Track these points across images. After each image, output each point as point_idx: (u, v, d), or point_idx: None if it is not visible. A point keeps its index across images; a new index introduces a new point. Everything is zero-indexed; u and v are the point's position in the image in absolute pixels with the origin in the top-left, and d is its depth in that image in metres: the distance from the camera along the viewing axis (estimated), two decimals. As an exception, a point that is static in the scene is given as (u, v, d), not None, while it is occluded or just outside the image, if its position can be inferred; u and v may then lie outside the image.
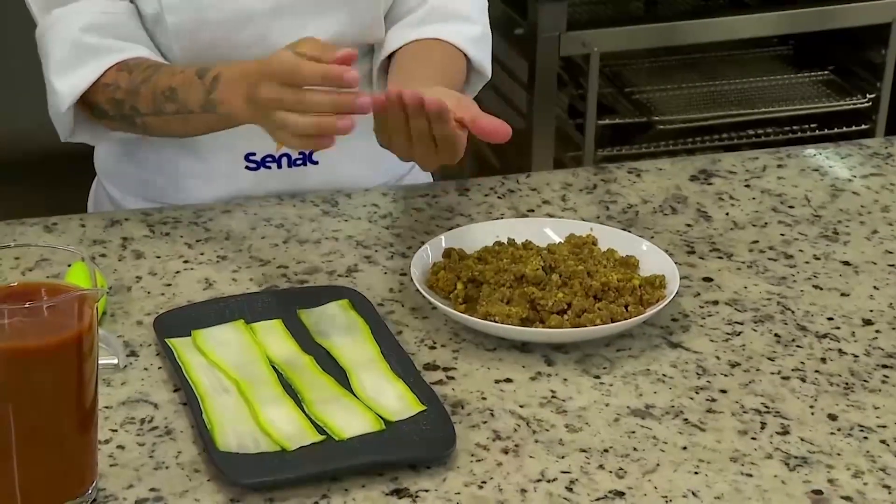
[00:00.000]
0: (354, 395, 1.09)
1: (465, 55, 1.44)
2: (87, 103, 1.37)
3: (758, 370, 1.16)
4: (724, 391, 1.13)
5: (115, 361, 1.14)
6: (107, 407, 1.08)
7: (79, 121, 1.40)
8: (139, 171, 1.49)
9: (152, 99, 1.31)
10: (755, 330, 1.22)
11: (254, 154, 1.44)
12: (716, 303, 1.26)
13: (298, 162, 1.46)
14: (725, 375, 1.15)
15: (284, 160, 1.45)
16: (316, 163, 1.46)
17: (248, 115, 1.24)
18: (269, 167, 1.45)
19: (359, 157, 1.48)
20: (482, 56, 1.45)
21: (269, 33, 1.39)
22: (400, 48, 1.43)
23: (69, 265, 1.07)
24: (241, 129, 1.43)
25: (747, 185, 1.50)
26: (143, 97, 1.32)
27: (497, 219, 1.41)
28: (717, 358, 1.18)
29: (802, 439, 1.07)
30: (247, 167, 1.44)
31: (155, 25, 1.39)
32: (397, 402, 1.08)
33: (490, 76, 1.48)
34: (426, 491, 1.00)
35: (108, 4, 1.37)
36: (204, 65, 1.29)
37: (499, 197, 1.47)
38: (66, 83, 1.35)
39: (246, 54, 1.39)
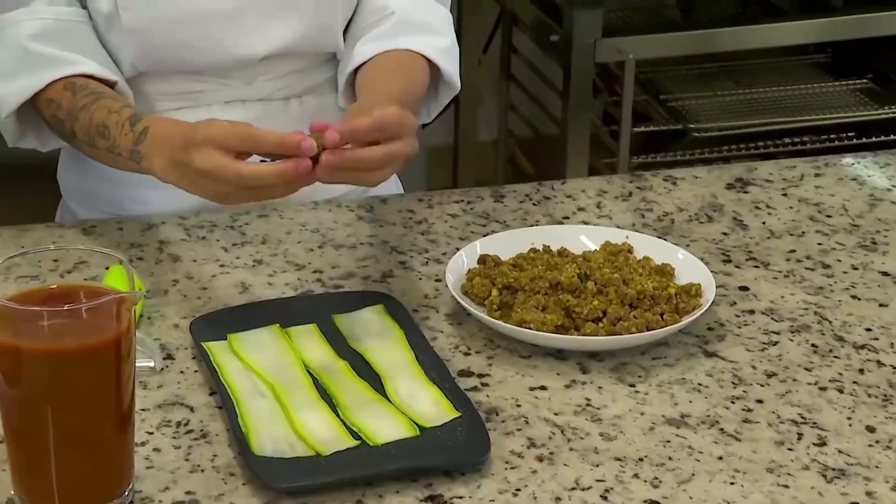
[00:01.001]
0: (389, 400, 1.09)
1: (437, 66, 1.43)
2: (35, 109, 1.37)
3: (794, 380, 1.15)
4: (760, 401, 1.13)
5: (152, 364, 1.15)
6: (143, 409, 1.09)
7: (26, 127, 1.39)
8: (96, 184, 1.48)
9: (87, 129, 1.30)
10: (792, 340, 1.21)
11: None
12: (752, 312, 1.26)
13: None
14: (762, 385, 1.15)
15: None
16: None
17: (167, 176, 1.21)
18: None
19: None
20: (452, 67, 1.44)
21: (224, 37, 1.39)
22: (367, 61, 1.42)
23: (107, 268, 1.08)
24: None
25: (784, 194, 1.50)
26: (80, 124, 1.30)
27: (532, 225, 1.41)
28: (754, 368, 1.17)
29: (840, 451, 1.06)
30: None
31: (109, 25, 1.38)
32: (432, 407, 1.08)
33: (460, 88, 1.47)
34: (460, 498, 1.00)
35: (59, 10, 1.36)
36: (137, 113, 1.28)
37: (534, 204, 1.47)
38: (8, 91, 1.35)
39: (201, 59, 1.40)
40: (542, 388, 1.14)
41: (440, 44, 1.43)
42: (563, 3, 2.61)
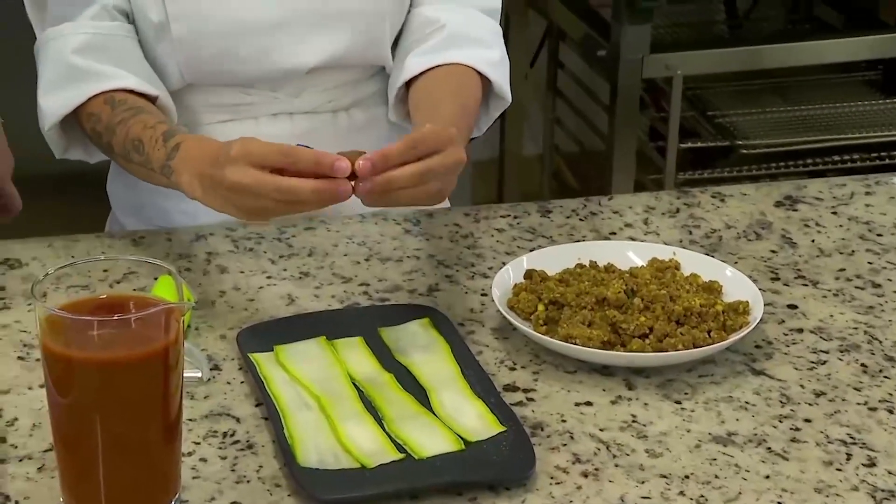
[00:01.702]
0: (434, 414, 1.10)
1: (487, 79, 1.43)
2: (79, 124, 1.39)
3: (843, 400, 1.15)
4: (808, 420, 1.12)
5: (199, 375, 1.16)
6: (190, 420, 1.10)
7: (72, 139, 1.41)
8: (144, 196, 1.49)
9: (123, 143, 1.31)
10: (841, 359, 1.21)
11: None
12: (800, 330, 1.25)
13: None
14: (810, 404, 1.14)
15: None
16: None
17: (192, 191, 1.22)
18: None
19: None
20: (502, 80, 1.45)
21: (270, 48, 1.40)
22: (418, 75, 1.42)
23: (156, 278, 1.09)
24: None
25: (834, 212, 1.49)
26: (117, 138, 1.32)
27: (579, 241, 1.41)
28: (802, 387, 1.17)
29: (890, 472, 1.05)
30: None
31: (159, 37, 1.40)
32: (477, 421, 1.08)
33: (511, 100, 1.47)
34: (505, 512, 1.00)
35: (103, 24, 1.38)
36: (171, 129, 1.29)
37: (581, 219, 1.47)
38: (51, 104, 1.37)
39: (249, 70, 1.41)
40: (588, 403, 1.14)
41: (491, 57, 1.44)
42: (611, 18, 2.61)
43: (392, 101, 1.45)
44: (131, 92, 1.36)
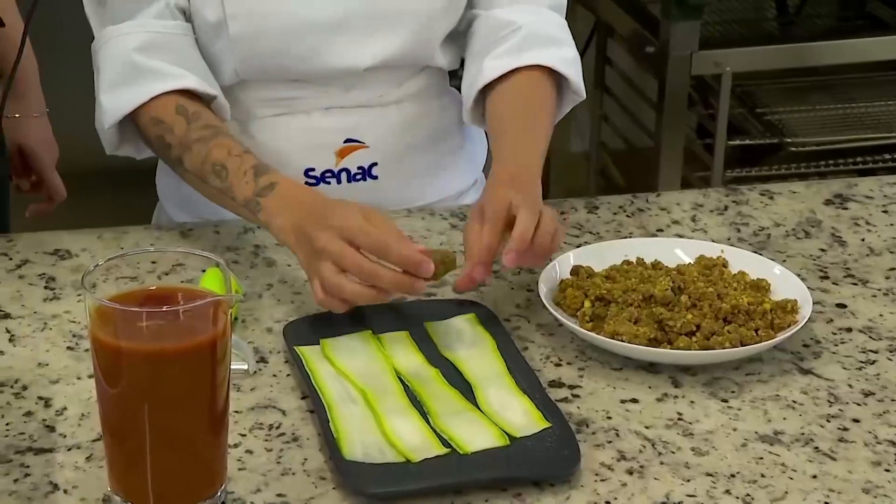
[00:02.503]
0: (480, 409, 1.10)
1: (565, 77, 1.43)
2: (134, 120, 1.38)
3: (893, 400, 1.13)
4: (856, 420, 1.11)
5: (246, 367, 1.16)
6: (236, 412, 1.10)
7: (124, 136, 1.41)
8: (192, 189, 1.47)
9: (201, 164, 1.30)
10: (890, 359, 1.19)
11: (313, 169, 1.45)
12: (849, 330, 1.24)
13: (358, 177, 1.47)
14: (858, 404, 1.13)
15: (344, 175, 1.46)
16: (376, 178, 1.47)
17: (285, 236, 1.22)
18: (329, 182, 1.46)
19: (418, 172, 1.50)
20: (577, 77, 1.45)
21: (327, 48, 1.41)
22: (495, 80, 1.42)
23: (204, 270, 1.10)
24: (300, 144, 1.45)
25: (885, 211, 1.48)
26: (194, 156, 1.31)
27: (626, 237, 1.40)
28: (850, 386, 1.15)
29: (938, 473, 1.04)
30: (306, 182, 1.45)
31: (216, 35, 1.40)
32: (522, 417, 1.08)
33: (584, 97, 1.47)
34: (549, 508, 1.00)
35: (164, 23, 1.38)
36: (261, 163, 1.28)
37: (628, 215, 1.47)
38: (112, 102, 1.37)
39: (303, 68, 1.41)
40: (634, 400, 1.13)
41: (566, 55, 1.44)
42: (660, 14, 2.60)
43: (469, 105, 1.44)
44: (192, 93, 1.36)
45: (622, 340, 1.16)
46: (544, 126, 1.39)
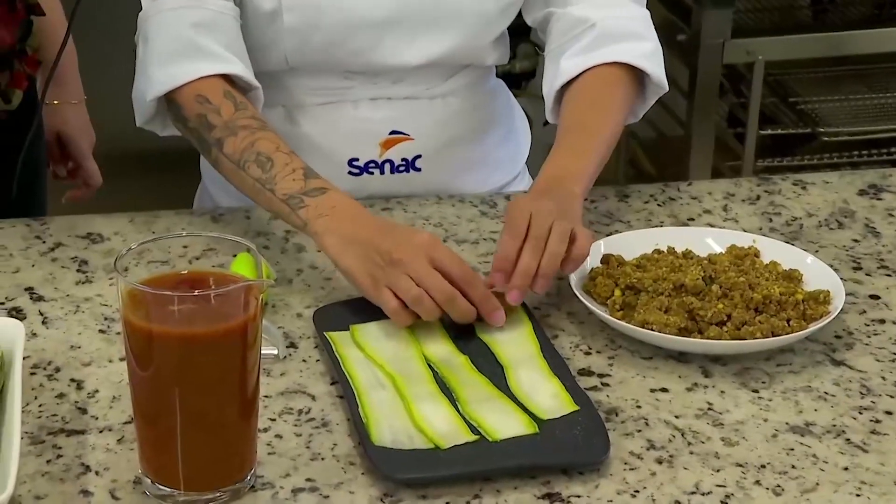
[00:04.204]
0: (511, 392, 1.10)
1: (644, 71, 1.42)
2: (169, 98, 1.37)
3: (925, 392, 1.13)
4: (889, 412, 1.10)
5: (276, 352, 1.17)
6: (266, 396, 1.11)
7: (159, 109, 1.39)
8: None
9: (242, 150, 1.29)
10: (923, 351, 1.19)
11: (357, 160, 1.45)
12: (882, 321, 1.23)
13: (402, 168, 1.46)
14: (891, 396, 1.12)
15: (388, 166, 1.46)
16: (419, 170, 1.47)
17: (332, 243, 1.21)
18: (372, 173, 1.46)
19: (462, 165, 1.49)
20: (658, 69, 1.42)
21: (378, 44, 1.40)
22: (575, 78, 1.41)
23: (235, 255, 1.10)
24: (345, 133, 1.44)
25: (919, 202, 1.46)
26: (238, 140, 1.30)
27: (657, 226, 1.40)
28: (883, 378, 1.15)
29: (971, 466, 1.03)
30: (349, 172, 1.45)
31: (269, 23, 1.39)
32: (552, 400, 1.08)
33: (667, 88, 1.45)
34: (578, 496, 1.00)
35: (220, 3, 1.37)
36: (309, 166, 1.28)
37: (659, 204, 1.46)
38: (162, 74, 1.35)
39: (354, 61, 1.41)
40: (664, 390, 1.13)
41: (643, 49, 1.41)
42: (692, 2, 2.58)
43: (550, 105, 1.43)
44: (233, 81, 1.35)
45: (652, 329, 1.16)
46: (605, 126, 1.36)
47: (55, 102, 1.70)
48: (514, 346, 1.16)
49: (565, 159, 1.31)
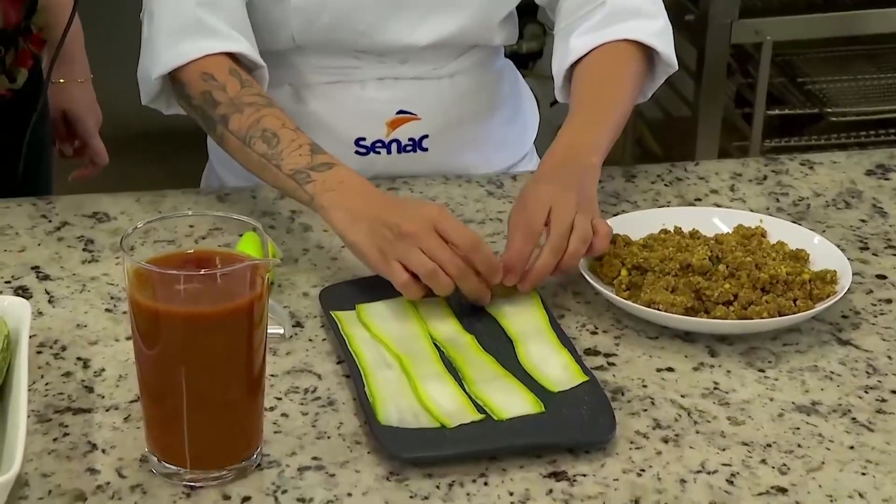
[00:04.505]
0: (520, 365, 1.10)
1: (654, 50, 1.41)
2: (174, 76, 1.36)
3: (932, 372, 1.13)
4: (895, 392, 1.10)
5: (282, 331, 1.17)
6: (272, 375, 1.11)
7: (164, 87, 1.39)
8: None
9: (248, 127, 1.29)
10: (930, 331, 1.18)
11: (364, 139, 1.45)
12: (889, 301, 1.23)
13: (408, 148, 1.46)
14: (897, 376, 1.12)
15: (394, 146, 1.46)
16: (426, 150, 1.47)
17: (339, 217, 1.20)
18: (379, 153, 1.46)
19: (469, 145, 1.49)
20: (667, 48, 1.42)
21: (385, 24, 1.40)
22: (584, 56, 1.40)
23: (240, 234, 1.10)
24: (352, 113, 1.44)
25: (926, 182, 1.46)
26: (244, 117, 1.29)
27: (663, 206, 1.39)
28: (889, 358, 1.15)
29: (977, 446, 1.03)
30: (356, 152, 1.45)
31: (276, 2, 1.39)
32: (562, 371, 1.09)
33: (677, 67, 1.45)
34: (584, 475, 1.00)
35: None
36: (318, 146, 1.27)
37: (666, 184, 1.46)
38: (168, 52, 1.34)
39: (362, 41, 1.40)
40: (670, 369, 1.13)
41: (653, 27, 1.41)
42: (701, -19, 2.57)
43: (559, 83, 1.43)
44: (238, 60, 1.35)
45: (659, 309, 1.16)
46: (618, 101, 1.36)
47: (61, 81, 1.70)
48: (523, 318, 1.16)
49: (580, 130, 1.31)
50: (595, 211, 1.22)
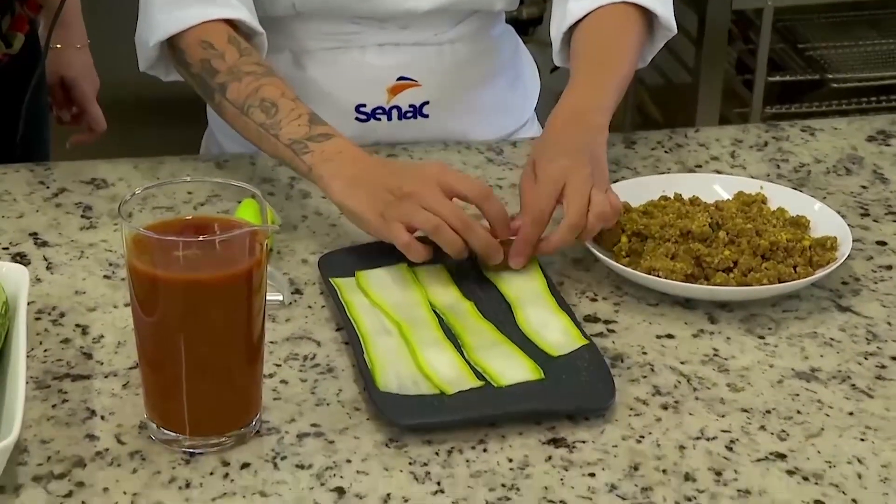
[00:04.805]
0: (519, 329, 1.10)
1: (653, 13, 1.40)
2: (172, 43, 1.35)
3: (932, 339, 1.13)
4: (895, 358, 1.10)
5: (281, 298, 1.17)
6: (271, 342, 1.11)
7: (162, 54, 1.38)
8: None
9: (247, 95, 1.28)
10: (930, 297, 1.18)
11: (364, 106, 1.44)
12: (889, 267, 1.23)
13: (409, 115, 1.45)
14: (897, 342, 1.12)
15: (395, 112, 1.45)
16: (426, 116, 1.46)
17: (337, 186, 1.19)
18: (379, 119, 1.45)
19: (469, 111, 1.48)
20: (668, 12, 1.41)
21: None
22: (583, 19, 1.38)
23: (239, 201, 1.10)
24: (352, 79, 1.43)
25: (928, 148, 1.46)
26: (243, 86, 1.28)
27: (664, 173, 1.39)
28: (889, 324, 1.15)
29: (977, 412, 1.04)
30: (356, 118, 1.44)
31: None
32: (561, 335, 1.09)
33: (676, 31, 1.43)
34: (583, 442, 1.00)
35: None
36: (317, 116, 1.26)
37: (666, 151, 1.45)
38: (165, 19, 1.33)
39: (364, 7, 1.39)
40: (670, 336, 1.13)
41: None
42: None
43: (557, 47, 1.42)
44: (237, 27, 1.34)
45: (658, 276, 1.16)
46: (622, 62, 1.35)
47: (58, 46, 1.69)
48: (521, 282, 1.16)
49: (585, 92, 1.30)
50: (606, 179, 1.21)
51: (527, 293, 1.15)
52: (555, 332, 1.10)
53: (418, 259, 1.15)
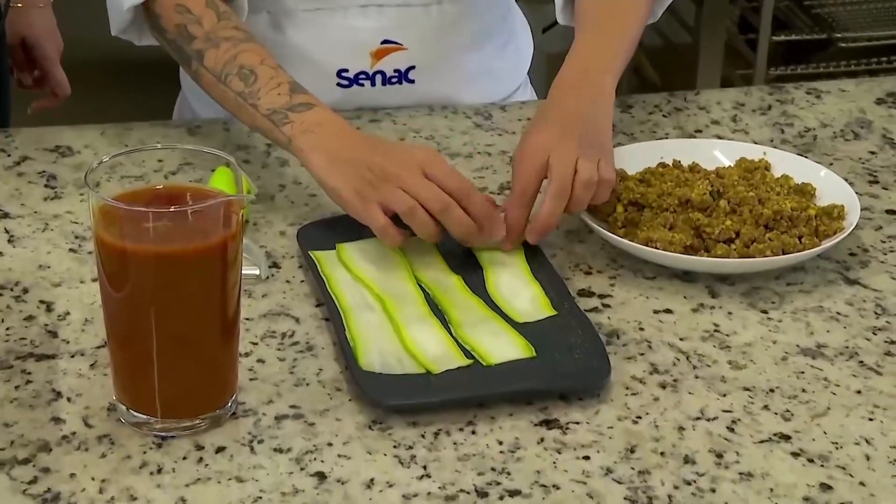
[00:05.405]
0: (488, 295, 1.11)
1: None
2: (147, 7, 1.35)
3: (943, 313, 1.13)
4: (904, 334, 1.11)
5: (257, 272, 1.17)
6: (248, 319, 1.11)
7: (135, 18, 1.37)
8: None
9: (224, 63, 1.27)
10: (942, 269, 1.19)
11: (346, 70, 1.44)
12: (899, 238, 1.24)
13: (394, 80, 1.45)
14: (907, 317, 1.13)
15: (379, 78, 1.44)
16: (412, 81, 1.45)
17: (316, 159, 1.18)
18: (363, 84, 1.44)
19: (458, 77, 1.48)
20: None
21: None
22: None
23: (213, 170, 1.10)
24: (335, 43, 1.42)
25: (940, 111, 1.46)
26: (220, 53, 1.28)
27: (662, 138, 1.39)
28: (899, 298, 1.15)
29: None
30: (338, 84, 1.44)
31: None
32: (529, 304, 1.10)
33: None
34: (577, 423, 1.00)
35: None
36: (297, 83, 1.25)
37: (664, 115, 1.45)
38: None
39: None
40: (668, 311, 1.13)
41: None
42: None
43: (560, 3, 1.41)
44: None
45: (656, 247, 1.16)
46: (629, 21, 1.34)
47: (19, 5, 1.68)
48: (496, 250, 1.17)
49: (591, 50, 1.29)
50: (604, 149, 1.20)
51: (499, 257, 1.16)
52: (524, 300, 1.11)
53: (392, 245, 1.15)
